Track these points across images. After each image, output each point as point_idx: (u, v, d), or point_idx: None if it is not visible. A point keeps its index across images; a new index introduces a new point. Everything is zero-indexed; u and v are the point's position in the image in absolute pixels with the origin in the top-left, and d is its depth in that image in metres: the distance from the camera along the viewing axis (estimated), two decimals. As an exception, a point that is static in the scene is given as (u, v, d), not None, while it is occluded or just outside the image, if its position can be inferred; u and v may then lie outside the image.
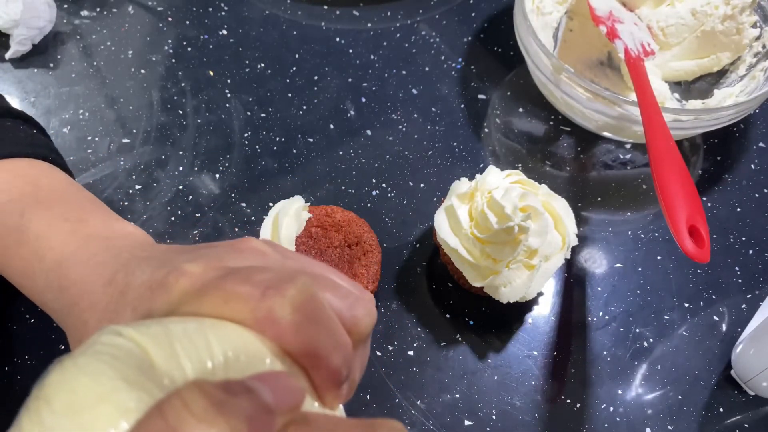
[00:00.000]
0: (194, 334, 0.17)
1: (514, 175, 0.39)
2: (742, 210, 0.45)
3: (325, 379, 0.19)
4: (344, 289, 0.21)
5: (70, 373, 0.15)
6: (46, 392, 0.15)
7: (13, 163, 0.31)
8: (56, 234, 0.27)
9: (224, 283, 0.19)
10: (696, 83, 0.49)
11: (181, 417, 0.13)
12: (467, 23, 0.53)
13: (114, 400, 0.15)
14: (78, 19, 0.52)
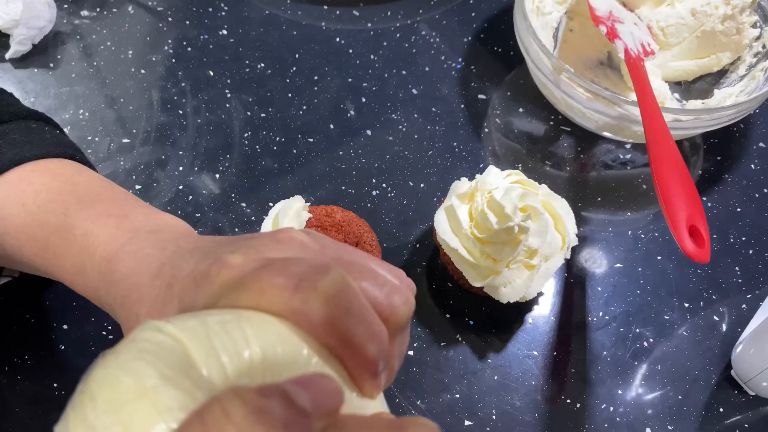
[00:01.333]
0: (232, 327, 0.17)
1: (514, 175, 0.39)
2: (742, 210, 0.45)
3: (361, 369, 0.19)
4: (382, 277, 0.21)
5: (112, 370, 0.16)
6: (90, 387, 0.16)
7: (45, 163, 0.31)
8: (102, 230, 0.27)
9: (261, 274, 0.19)
10: (696, 83, 0.49)
11: (220, 425, 0.14)
12: (467, 23, 0.53)
13: (153, 398, 0.15)
14: (78, 19, 0.52)
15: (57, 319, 0.38)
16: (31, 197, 0.29)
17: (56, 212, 0.29)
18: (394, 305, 0.20)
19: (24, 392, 0.36)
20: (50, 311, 0.38)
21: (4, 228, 0.29)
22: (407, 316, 0.21)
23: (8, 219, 0.29)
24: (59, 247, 0.28)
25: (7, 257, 0.31)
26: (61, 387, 0.36)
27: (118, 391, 0.16)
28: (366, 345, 0.19)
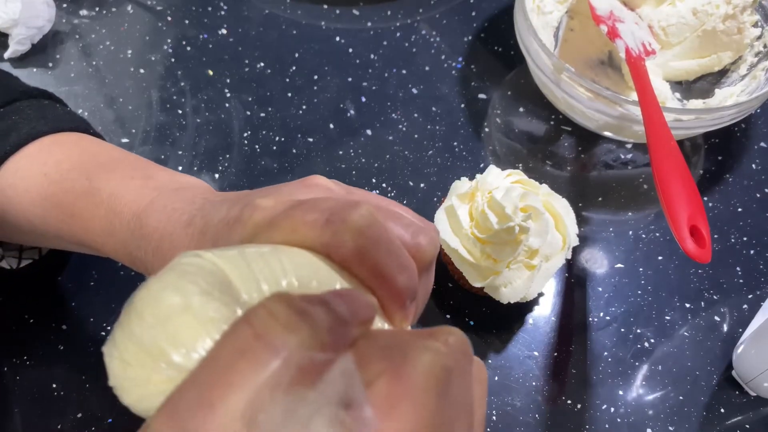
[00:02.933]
0: (270, 257, 0.18)
1: (515, 174, 0.38)
2: (744, 210, 0.45)
3: (392, 299, 0.19)
4: (407, 218, 0.22)
5: (155, 289, 0.17)
6: (135, 306, 0.17)
7: (62, 136, 0.32)
8: (128, 190, 0.28)
9: (293, 212, 0.20)
10: (697, 83, 0.49)
11: (267, 324, 0.15)
12: (467, 22, 0.53)
13: (197, 311, 0.16)
14: (77, 18, 0.52)
15: (56, 319, 0.38)
16: (53, 167, 0.30)
17: (80, 178, 0.29)
18: (420, 244, 0.21)
19: (23, 393, 0.36)
20: (49, 312, 0.38)
21: (29, 199, 0.30)
22: (432, 254, 0.22)
23: (32, 190, 0.30)
24: (86, 211, 0.28)
25: (33, 230, 0.31)
26: (60, 388, 0.36)
27: (162, 306, 0.16)
28: (396, 276, 0.19)
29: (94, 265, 0.40)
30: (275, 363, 0.14)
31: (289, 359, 0.14)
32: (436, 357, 0.16)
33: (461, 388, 0.17)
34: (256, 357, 0.14)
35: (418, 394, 0.15)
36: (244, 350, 0.15)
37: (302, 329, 0.15)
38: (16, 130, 0.31)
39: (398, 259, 0.20)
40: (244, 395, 0.14)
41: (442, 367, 0.16)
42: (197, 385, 0.15)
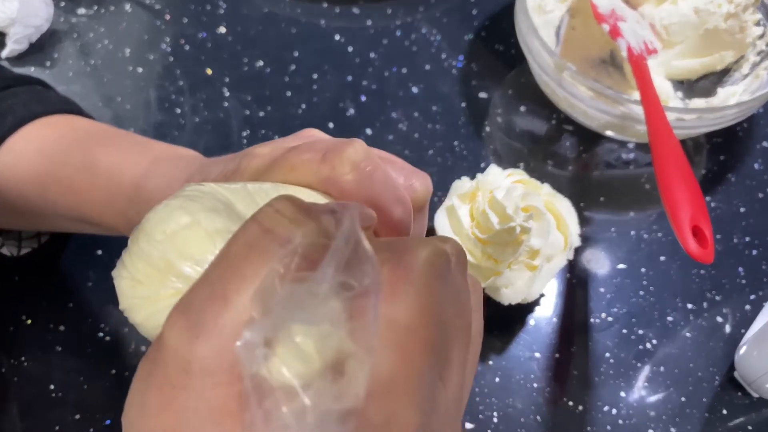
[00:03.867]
0: (270, 191, 0.19)
1: (516, 174, 0.38)
2: (746, 210, 0.45)
3: (388, 232, 0.20)
4: (400, 162, 0.23)
5: (162, 211, 0.17)
6: (143, 227, 0.17)
7: (58, 118, 0.32)
8: (126, 160, 0.29)
9: (289, 153, 0.21)
10: (699, 82, 0.49)
11: (274, 219, 0.15)
12: (468, 21, 0.53)
13: (204, 225, 0.17)
14: (75, 17, 0.51)
15: (53, 320, 0.38)
16: (49, 145, 0.30)
17: (77, 153, 0.30)
18: (413, 186, 0.22)
19: (20, 394, 0.36)
20: (47, 312, 0.38)
21: (26, 178, 0.30)
22: (425, 197, 0.23)
23: (29, 168, 0.30)
24: (84, 183, 0.29)
25: (31, 210, 0.31)
26: (57, 389, 0.36)
27: (170, 224, 0.17)
28: (392, 208, 0.20)
29: (93, 266, 0.40)
30: (283, 253, 0.15)
31: (296, 249, 0.15)
32: (436, 248, 0.16)
33: (459, 284, 0.17)
34: (265, 249, 0.15)
35: (419, 278, 0.15)
36: (253, 244, 0.15)
37: (308, 224, 0.15)
38: (12, 113, 0.31)
39: (394, 192, 0.21)
40: (255, 285, 0.15)
41: (442, 255, 0.16)
42: (209, 282, 0.15)
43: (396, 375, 0.14)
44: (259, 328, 0.14)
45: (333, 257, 0.14)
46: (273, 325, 0.14)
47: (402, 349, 0.15)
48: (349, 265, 0.15)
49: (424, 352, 0.15)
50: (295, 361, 0.14)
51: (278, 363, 0.14)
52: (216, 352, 0.14)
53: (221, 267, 0.15)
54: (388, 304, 0.15)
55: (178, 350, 0.15)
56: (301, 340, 0.14)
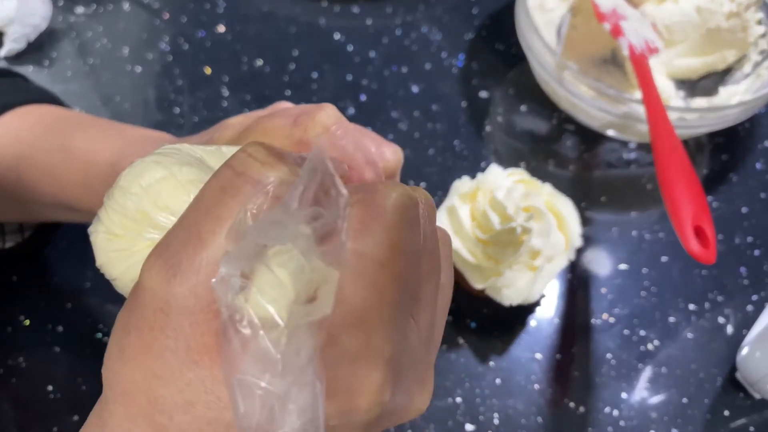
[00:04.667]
0: None
1: (517, 174, 0.38)
2: (748, 210, 0.44)
3: None
4: (372, 134, 0.24)
5: (137, 166, 0.18)
6: (119, 183, 0.18)
7: (36, 107, 0.33)
8: (101, 143, 0.29)
9: (262, 120, 0.22)
10: (701, 81, 0.49)
11: (247, 163, 0.16)
12: (468, 20, 0.52)
13: (178, 176, 0.17)
14: (73, 16, 0.51)
15: (52, 320, 0.38)
16: (26, 131, 0.31)
17: (54, 138, 0.30)
18: (384, 154, 0.23)
19: (18, 395, 0.36)
20: (45, 313, 0.38)
21: (3, 164, 0.30)
22: (396, 166, 0.24)
23: (6, 154, 0.30)
24: (61, 166, 0.29)
25: (9, 196, 0.32)
26: (55, 389, 0.36)
27: (145, 177, 0.17)
28: (363, 170, 0.21)
29: (91, 267, 0.39)
30: (256, 193, 0.15)
31: (267, 189, 0.15)
32: (405, 191, 0.17)
33: (428, 230, 0.18)
34: (238, 190, 0.15)
35: (389, 216, 0.16)
36: (226, 187, 0.15)
37: (280, 166, 0.16)
38: None
39: (365, 155, 0.21)
40: (229, 224, 0.15)
41: (411, 198, 0.17)
42: (184, 225, 0.16)
43: (368, 306, 0.15)
44: (233, 262, 0.14)
45: (301, 182, 0.15)
46: (246, 257, 0.14)
47: (373, 281, 0.15)
48: (318, 194, 0.15)
49: (395, 285, 0.15)
50: (270, 290, 0.14)
51: (253, 293, 0.14)
52: (193, 290, 0.15)
53: (196, 210, 0.16)
54: (359, 240, 0.15)
55: (156, 291, 0.15)
56: (274, 271, 0.15)
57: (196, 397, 0.15)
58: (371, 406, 0.15)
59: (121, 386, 0.16)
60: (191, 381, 0.15)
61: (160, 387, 0.15)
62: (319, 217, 0.15)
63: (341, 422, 0.15)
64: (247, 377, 0.14)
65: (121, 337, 0.16)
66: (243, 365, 0.14)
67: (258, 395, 0.14)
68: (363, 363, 0.15)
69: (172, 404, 0.15)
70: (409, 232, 0.16)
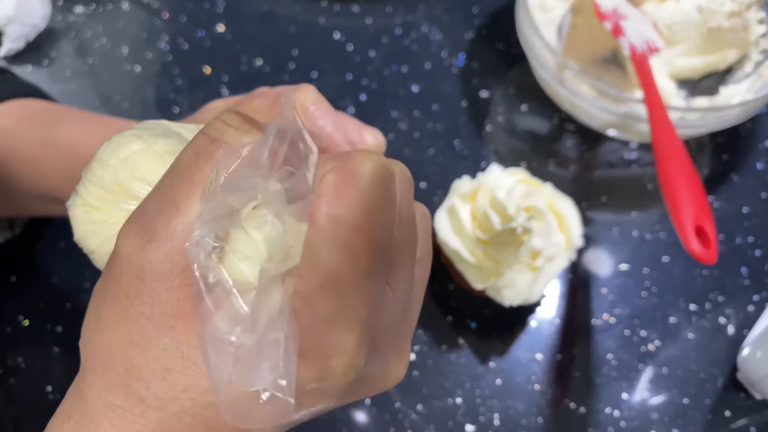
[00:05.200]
0: None
1: (518, 173, 0.38)
2: (750, 210, 0.44)
3: None
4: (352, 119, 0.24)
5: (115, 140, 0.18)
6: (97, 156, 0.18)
7: (22, 101, 0.33)
8: (86, 135, 0.30)
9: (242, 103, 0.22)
10: (702, 81, 0.48)
11: (221, 129, 0.16)
12: (469, 19, 0.52)
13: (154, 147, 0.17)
14: (72, 15, 0.51)
15: (51, 321, 0.38)
16: (13, 125, 0.31)
17: (38, 131, 0.30)
18: (363, 137, 0.24)
19: (17, 395, 0.35)
20: (44, 313, 0.38)
21: None
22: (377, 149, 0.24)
23: None
24: (45, 157, 0.30)
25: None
26: (55, 390, 0.36)
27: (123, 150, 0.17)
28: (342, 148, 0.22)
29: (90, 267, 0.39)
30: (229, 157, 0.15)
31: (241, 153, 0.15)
32: (381, 160, 0.17)
33: (405, 200, 0.18)
34: (212, 156, 0.15)
35: (363, 182, 0.16)
36: (201, 152, 0.16)
37: (254, 132, 0.16)
38: None
39: (344, 135, 0.22)
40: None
41: (386, 166, 0.17)
42: (159, 191, 0.16)
43: (343, 270, 0.15)
44: (206, 223, 0.14)
45: (269, 137, 0.15)
46: (219, 219, 0.15)
47: (348, 246, 0.15)
48: (288, 153, 0.15)
49: (370, 250, 0.15)
50: (243, 250, 0.15)
51: (226, 252, 0.15)
52: (168, 255, 0.15)
53: (171, 176, 0.16)
54: (333, 205, 0.15)
55: (131, 257, 0.15)
56: (248, 231, 0.15)
57: (172, 363, 0.15)
58: (346, 369, 0.15)
59: (98, 355, 0.16)
60: (167, 347, 0.15)
61: (137, 354, 0.15)
62: (290, 176, 0.15)
63: (318, 387, 0.15)
64: (218, 332, 0.14)
65: (98, 306, 0.16)
66: (215, 321, 0.14)
67: (230, 351, 0.14)
68: (338, 326, 0.15)
69: (149, 371, 0.15)
70: (384, 199, 0.16)
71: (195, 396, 0.15)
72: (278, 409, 0.14)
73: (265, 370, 0.13)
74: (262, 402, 0.14)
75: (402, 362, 0.18)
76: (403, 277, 0.18)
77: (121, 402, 0.15)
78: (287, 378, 0.14)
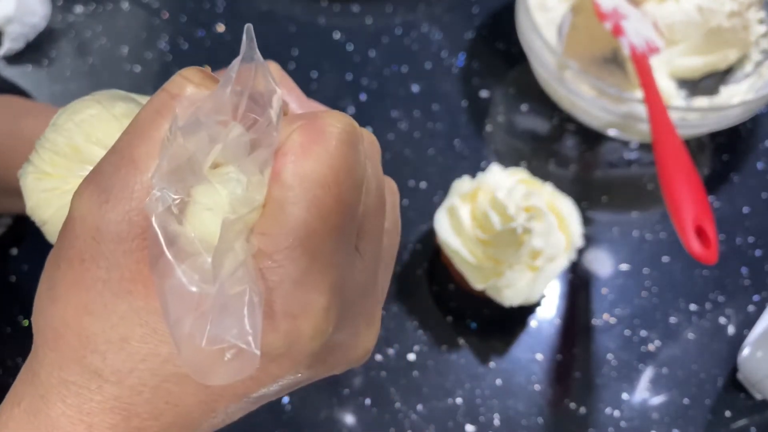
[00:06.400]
0: None
1: (518, 173, 0.38)
2: (750, 210, 0.44)
3: None
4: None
5: (72, 105, 0.17)
6: (53, 122, 0.17)
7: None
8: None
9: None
10: (702, 81, 0.48)
11: (182, 85, 0.15)
12: (469, 19, 0.52)
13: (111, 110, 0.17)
14: (72, 15, 0.51)
15: (50, 321, 0.38)
16: None
17: (5, 120, 0.30)
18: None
19: (17, 397, 0.35)
20: (44, 314, 0.38)
21: None
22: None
23: None
24: (8, 148, 0.29)
25: None
26: (54, 391, 0.36)
27: (80, 114, 0.16)
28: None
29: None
30: (188, 109, 0.14)
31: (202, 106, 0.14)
32: (348, 120, 0.16)
33: (373, 166, 0.17)
34: (172, 111, 0.15)
35: (331, 140, 0.15)
36: (161, 109, 0.15)
37: (214, 86, 0.15)
38: None
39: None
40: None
41: (353, 126, 0.16)
42: (116, 150, 0.15)
43: (311, 228, 0.14)
44: (165, 176, 0.14)
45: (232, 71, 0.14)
46: (179, 171, 0.14)
47: (316, 203, 0.14)
48: (252, 97, 0.15)
49: (338, 209, 0.15)
50: (204, 201, 0.14)
51: (187, 204, 0.14)
52: (126, 215, 0.14)
53: (129, 133, 0.15)
54: (300, 162, 0.15)
55: (86, 218, 0.14)
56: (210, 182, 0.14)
57: (130, 330, 0.14)
58: (315, 333, 0.14)
59: (50, 327, 0.15)
60: (125, 314, 0.14)
61: (92, 323, 0.14)
62: (253, 123, 0.14)
63: (286, 351, 0.15)
64: (179, 283, 0.13)
65: (51, 274, 0.15)
66: (176, 273, 0.13)
67: (191, 304, 0.13)
68: (306, 286, 0.14)
69: (105, 341, 0.14)
70: (352, 159, 0.16)
71: (154, 366, 0.14)
72: (244, 362, 0.13)
73: (229, 322, 0.13)
74: (227, 358, 0.13)
75: (371, 332, 0.17)
76: (372, 243, 0.17)
77: (76, 378, 0.15)
78: (252, 330, 0.13)
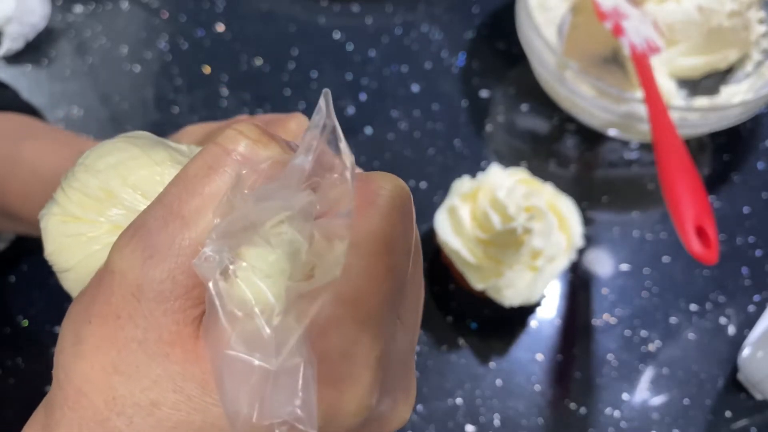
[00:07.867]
0: None
1: (518, 173, 0.38)
2: (750, 210, 0.44)
3: None
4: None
5: (103, 146, 0.16)
6: (82, 162, 0.16)
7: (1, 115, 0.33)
8: (49, 153, 0.29)
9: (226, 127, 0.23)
10: (703, 81, 0.48)
11: (237, 140, 0.14)
12: (469, 19, 0.52)
13: (149, 155, 0.15)
14: (72, 15, 0.51)
15: (50, 321, 0.38)
16: None
17: (4, 144, 0.30)
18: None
19: (17, 395, 0.35)
20: (43, 313, 0.38)
21: None
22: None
23: None
24: (6, 173, 0.29)
25: None
26: (54, 391, 0.36)
27: (114, 155, 0.15)
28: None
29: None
30: (246, 171, 0.14)
31: (261, 169, 0.14)
32: (400, 182, 0.16)
33: (412, 226, 0.17)
34: (227, 168, 0.14)
35: (385, 205, 0.15)
36: (214, 165, 0.14)
37: (273, 146, 0.15)
38: None
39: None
40: (216, 204, 0.14)
41: (405, 190, 0.16)
42: (164, 203, 0.14)
43: (360, 298, 0.14)
44: (221, 237, 0.13)
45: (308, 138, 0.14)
46: (235, 233, 0.13)
47: (367, 272, 0.14)
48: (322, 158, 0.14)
49: (388, 276, 0.14)
50: (262, 267, 0.13)
51: (244, 269, 0.13)
52: (170, 273, 0.13)
53: (177, 186, 0.14)
54: (353, 229, 0.14)
55: (127, 273, 0.13)
56: (268, 246, 0.13)
57: (163, 396, 0.13)
58: (359, 409, 0.14)
59: (73, 385, 0.14)
60: (159, 378, 0.13)
61: (122, 384, 0.13)
62: (318, 187, 0.14)
63: (325, 425, 0.14)
64: (237, 353, 0.12)
65: (78, 328, 0.14)
66: (232, 343, 0.12)
67: (248, 378, 0.12)
68: (353, 359, 0.13)
69: (133, 405, 0.13)
70: (403, 224, 0.15)
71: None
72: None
73: (283, 397, 0.12)
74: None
75: (408, 404, 0.17)
76: (412, 307, 0.17)
77: None
78: (307, 407, 0.12)
